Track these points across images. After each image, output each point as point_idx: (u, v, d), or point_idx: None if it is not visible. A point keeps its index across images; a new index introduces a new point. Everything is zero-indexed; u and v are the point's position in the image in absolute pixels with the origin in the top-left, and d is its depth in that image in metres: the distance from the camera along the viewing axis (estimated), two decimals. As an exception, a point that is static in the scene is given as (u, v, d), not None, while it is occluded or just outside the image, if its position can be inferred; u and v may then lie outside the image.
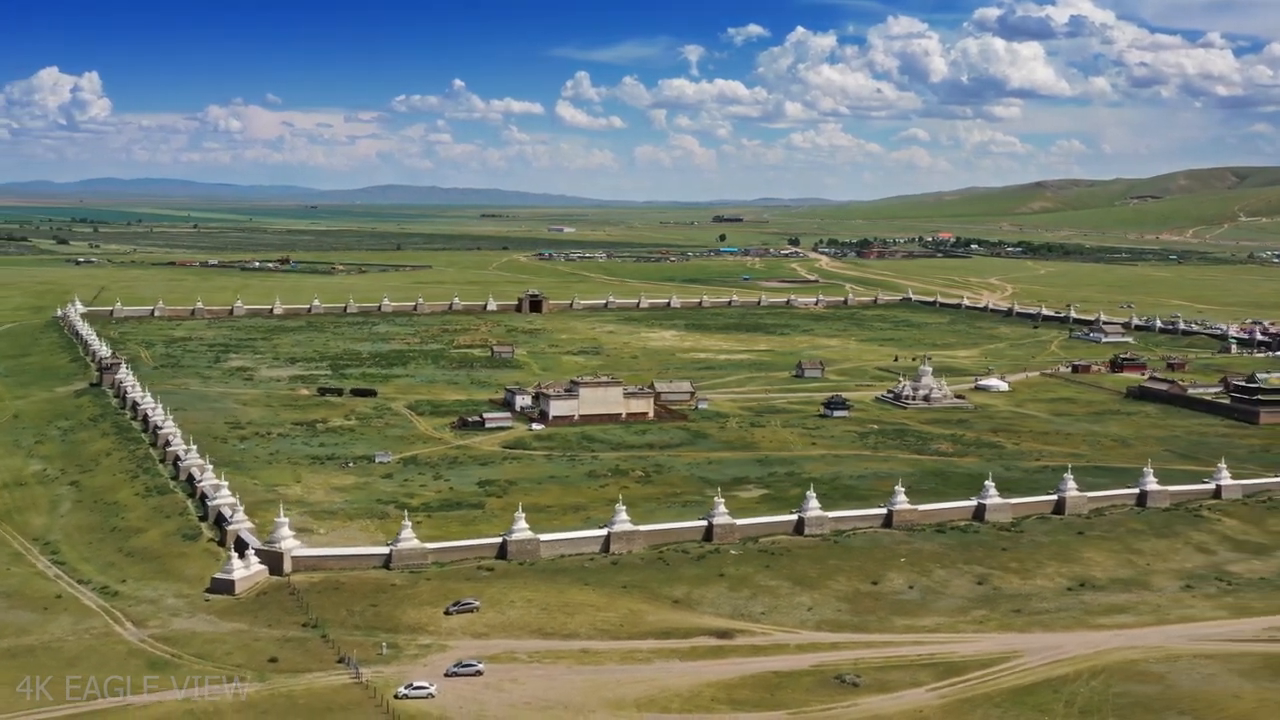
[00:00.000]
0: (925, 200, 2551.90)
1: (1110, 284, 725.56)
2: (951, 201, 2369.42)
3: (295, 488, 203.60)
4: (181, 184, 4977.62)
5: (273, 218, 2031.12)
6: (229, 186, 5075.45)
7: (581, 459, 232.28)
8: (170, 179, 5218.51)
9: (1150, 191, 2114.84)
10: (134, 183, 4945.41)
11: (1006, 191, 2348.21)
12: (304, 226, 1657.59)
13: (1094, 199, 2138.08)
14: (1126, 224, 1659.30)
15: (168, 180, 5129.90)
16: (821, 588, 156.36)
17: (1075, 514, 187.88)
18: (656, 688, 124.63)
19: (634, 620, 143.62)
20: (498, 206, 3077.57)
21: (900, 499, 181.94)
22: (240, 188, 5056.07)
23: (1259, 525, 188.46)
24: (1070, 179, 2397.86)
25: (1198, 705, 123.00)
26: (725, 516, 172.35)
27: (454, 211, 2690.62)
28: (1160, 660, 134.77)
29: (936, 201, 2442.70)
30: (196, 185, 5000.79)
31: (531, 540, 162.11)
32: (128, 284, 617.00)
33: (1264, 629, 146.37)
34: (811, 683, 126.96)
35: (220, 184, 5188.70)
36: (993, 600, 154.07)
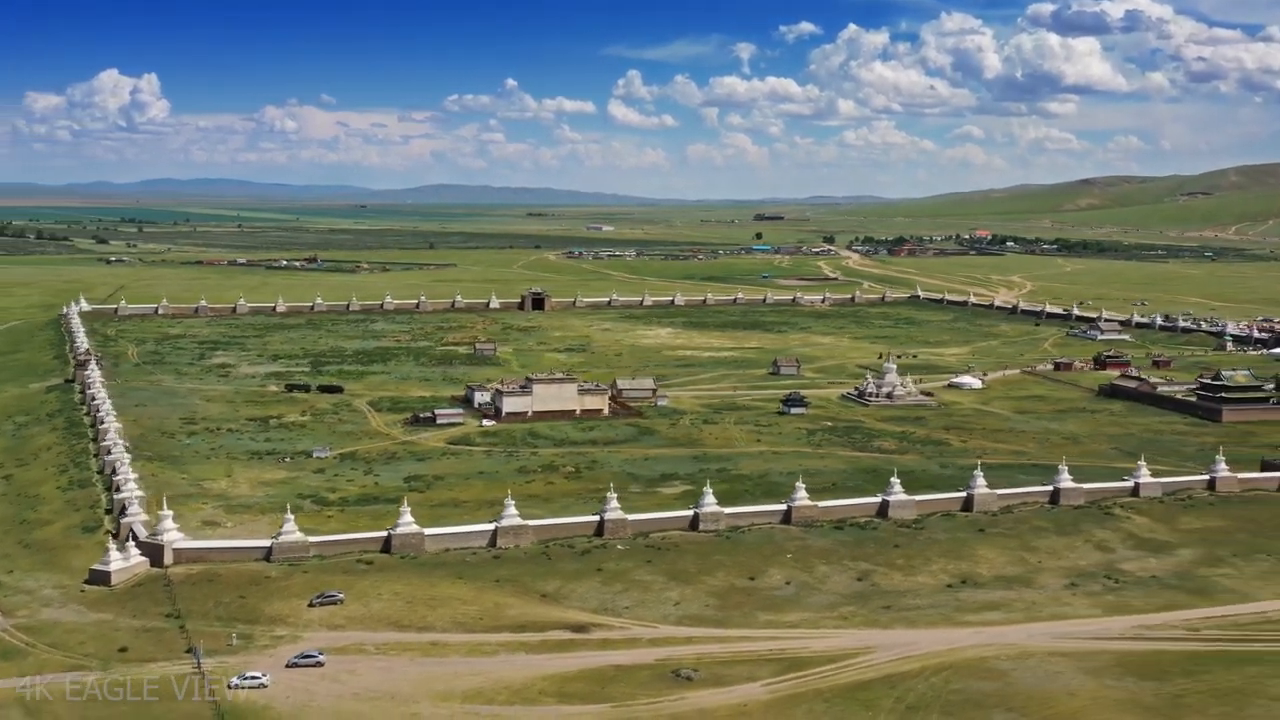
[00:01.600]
0: (973, 198, 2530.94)
1: (1134, 281, 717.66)
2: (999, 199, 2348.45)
3: (222, 482, 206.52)
4: (237, 184, 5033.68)
5: (321, 217, 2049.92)
6: (284, 186, 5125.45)
7: (520, 455, 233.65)
8: (227, 179, 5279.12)
9: (1201, 188, 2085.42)
10: (191, 183, 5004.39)
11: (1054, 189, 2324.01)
12: (347, 226, 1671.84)
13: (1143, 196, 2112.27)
14: (1170, 221, 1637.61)
15: (224, 180, 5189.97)
16: (696, 583, 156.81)
17: (983, 511, 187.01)
18: (490, 680, 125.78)
19: (495, 614, 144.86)
20: (547, 205, 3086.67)
21: (800, 495, 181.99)
22: (295, 188, 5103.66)
23: (1169, 524, 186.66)
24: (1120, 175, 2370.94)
25: (1029, 703, 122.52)
26: (617, 512, 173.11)
27: (502, 210, 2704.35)
28: (1011, 658, 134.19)
29: (984, 199, 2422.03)
30: (252, 185, 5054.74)
31: (416, 534, 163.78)
32: (148, 282, 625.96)
33: (1132, 627, 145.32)
34: (647, 677, 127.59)
35: (275, 184, 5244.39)
36: (866, 597, 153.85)
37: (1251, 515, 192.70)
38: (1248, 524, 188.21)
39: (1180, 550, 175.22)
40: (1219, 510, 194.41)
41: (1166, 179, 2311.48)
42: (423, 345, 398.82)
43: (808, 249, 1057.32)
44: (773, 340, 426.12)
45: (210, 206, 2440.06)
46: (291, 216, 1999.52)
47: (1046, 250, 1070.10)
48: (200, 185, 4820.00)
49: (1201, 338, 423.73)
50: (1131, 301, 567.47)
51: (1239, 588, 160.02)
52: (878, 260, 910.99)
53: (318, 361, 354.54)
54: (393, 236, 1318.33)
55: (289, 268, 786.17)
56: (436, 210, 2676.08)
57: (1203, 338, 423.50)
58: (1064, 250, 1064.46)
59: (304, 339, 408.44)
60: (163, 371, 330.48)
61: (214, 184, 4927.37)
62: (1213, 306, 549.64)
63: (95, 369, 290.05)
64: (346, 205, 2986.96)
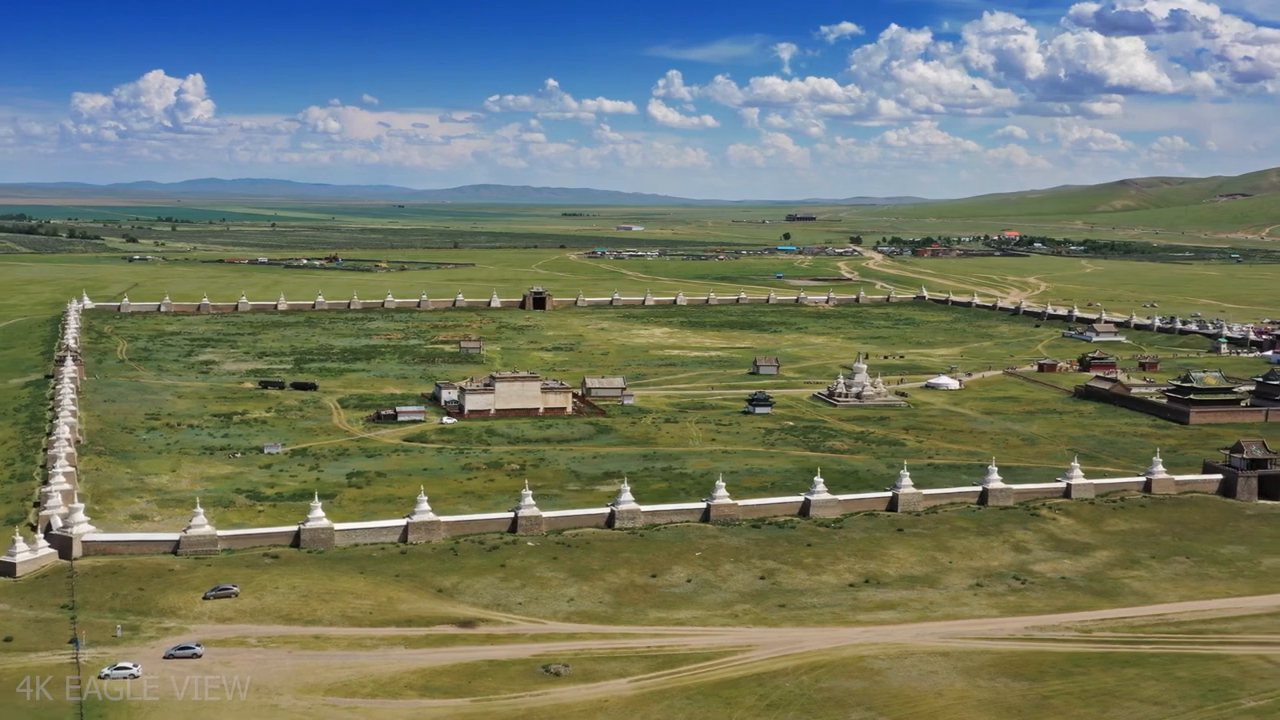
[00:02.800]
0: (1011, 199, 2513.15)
1: (1151, 283, 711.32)
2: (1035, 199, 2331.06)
3: (165, 477, 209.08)
4: (281, 184, 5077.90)
5: (357, 217, 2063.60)
6: (326, 186, 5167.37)
7: (471, 452, 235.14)
8: (270, 179, 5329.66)
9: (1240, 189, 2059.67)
10: (235, 183, 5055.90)
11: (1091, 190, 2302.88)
12: (379, 225, 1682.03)
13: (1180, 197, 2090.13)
14: (1204, 223, 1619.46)
15: (267, 180, 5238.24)
16: (596, 580, 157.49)
17: (908, 511, 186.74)
18: (360, 674, 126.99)
19: (386, 609, 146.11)
20: (586, 206, 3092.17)
21: (720, 494, 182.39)
22: (337, 187, 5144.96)
23: (1094, 525, 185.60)
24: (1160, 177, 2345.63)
25: (892, 702, 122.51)
26: (532, 509, 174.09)
27: (539, 210, 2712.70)
28: (891, 657, 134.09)
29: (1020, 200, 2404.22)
30: (295, 185, 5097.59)
31: (326, 529, 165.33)
32: (163, 281, 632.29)
33: (1024, 628, 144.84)
34: (518, 672, 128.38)
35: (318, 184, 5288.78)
36: (764, 595, 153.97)
37: (1182, 517, 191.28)
38: (1175, 526, 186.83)
39: (1098, 552, 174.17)
40: (1150, 512, 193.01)
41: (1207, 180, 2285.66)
42: (413, 343, 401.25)
43: (832, 250, 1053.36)
44: (767, 340, 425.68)
45: (252, 206, 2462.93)
46: (327, 216, 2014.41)
47: (1073, 252, 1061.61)
48: (244, 185, 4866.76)
49: (1198, 340, 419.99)
50: (1142, 303, 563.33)
51: (1146, 590, 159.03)
52: (899, 261, 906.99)
53: (302, 359, 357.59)
54: (421, 236, 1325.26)
55: (308, 267, 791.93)
56: (474, 210, 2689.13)
57: (1199, 340, 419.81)
58: (1090, 251, 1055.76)
59: (297, 337, 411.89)
60: (146, 368, 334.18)
61: (257, 184, 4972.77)
62: (1222, 309, 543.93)
63: (70, 365, 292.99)
64: (385, 205, 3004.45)
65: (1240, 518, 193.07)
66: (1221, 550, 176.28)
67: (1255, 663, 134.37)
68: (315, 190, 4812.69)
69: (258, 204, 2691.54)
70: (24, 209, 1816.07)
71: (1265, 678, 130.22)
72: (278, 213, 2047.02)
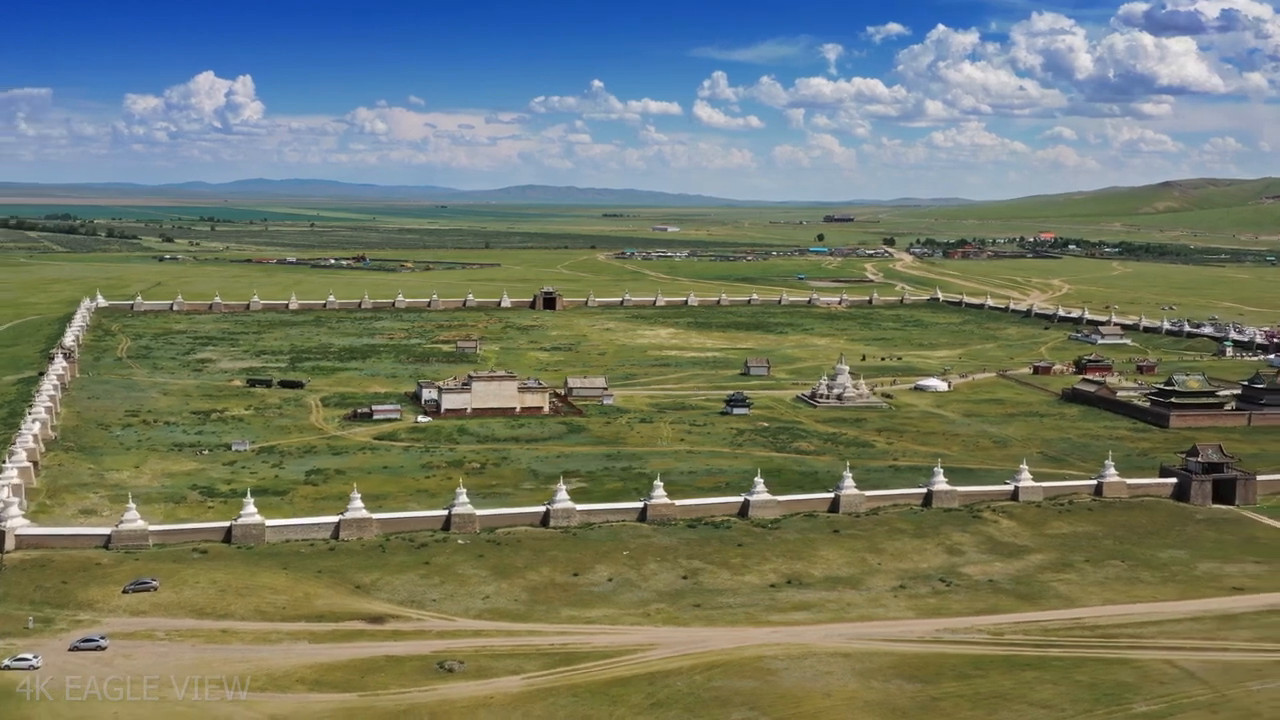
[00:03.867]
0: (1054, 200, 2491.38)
1: (1177, 285, 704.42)
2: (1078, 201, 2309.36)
3: (125, 473, 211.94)
4: (328, 185, 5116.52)
5: (399, 217, 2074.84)
6: (372, 187, 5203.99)
7: (437, 450, 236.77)
8: (318, 180, 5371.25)
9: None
10: (283, 183, 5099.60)
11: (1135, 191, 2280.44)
12: (416, 225, 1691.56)
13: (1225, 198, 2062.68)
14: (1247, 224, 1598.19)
15: (315, 181, 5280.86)
16: (517, 578, 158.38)
17: (849, 512, 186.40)
18: (256, 667, 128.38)
19: (301, 604, 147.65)
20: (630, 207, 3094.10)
21: (657, 494, 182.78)
22: (383, 188, 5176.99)
23: (1036, 528, 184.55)
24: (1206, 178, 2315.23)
25: (777, 702, 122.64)
26: (466, 507, 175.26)
27: (580, 211, 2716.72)
28: (791, 657, 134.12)
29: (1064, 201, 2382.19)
30: (342, 186, 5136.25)
31: (257, 525, 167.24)
32: (187, 280, 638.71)
33: (935, 630, 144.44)
34: (413, 668, 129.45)
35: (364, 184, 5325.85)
36: (681, 595, 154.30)
37: (1128, 521, 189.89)
38: (1119, 530, 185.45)
39: (1033, 555, 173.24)
40: (1096, 515, 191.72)
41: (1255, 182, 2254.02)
42: (414, 342, 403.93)
43: (863, 251, 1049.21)
44: (771, 341, 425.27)
45: (298, 206, 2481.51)
46: (368, 217, 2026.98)
47: (1106, 253, 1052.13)
48: (291, 186, 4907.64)
49: (1205, 342, 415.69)
50: (1161, 305, 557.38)
51: (1070, 593, 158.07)
52: (928, 263, 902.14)
53: (299, 357, 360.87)
54: (456, 236, 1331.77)
55: (334, 267, 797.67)
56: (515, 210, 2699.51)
57: (1206, 342, 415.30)
58: (1125, 254, 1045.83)
59: (301, 335, 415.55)
60: (141, 366, 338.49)
61: (305, 184, 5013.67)
62: (1241, 312, 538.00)
63: (60, 363, 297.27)
64: (428, 205, 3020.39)
65: (1189, 522, 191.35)
66: (1160, 554, 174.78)
67: (1160, 667, 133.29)
68: (361, 191, 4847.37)
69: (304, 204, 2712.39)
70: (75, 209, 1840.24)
71: (1165, 682, 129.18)
72: (320, 213, 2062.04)
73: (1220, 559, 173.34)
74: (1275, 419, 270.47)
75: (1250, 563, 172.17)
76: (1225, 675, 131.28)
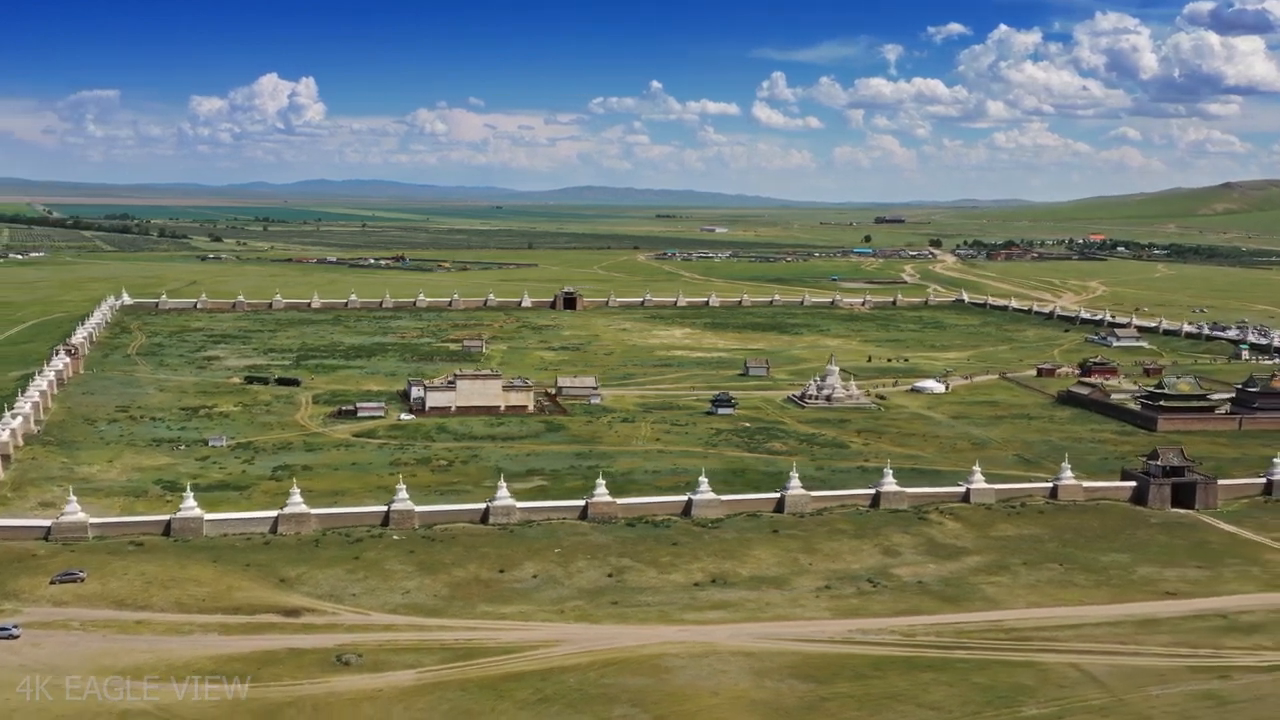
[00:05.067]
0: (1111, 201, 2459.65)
1: (1217, 287, 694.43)
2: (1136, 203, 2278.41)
3: (96, 467, 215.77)
4: (388, 185, 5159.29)
5: (453, 218, 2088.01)
6: (432, 187, 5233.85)
7: (411, 448, 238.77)
8: (378, 180, 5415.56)
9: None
10: (344, 184, 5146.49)
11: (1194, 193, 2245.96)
12: (466, 225, 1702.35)
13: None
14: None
15: (375, 182, 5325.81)
16: (443, 574, 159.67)
17: (794, 513, 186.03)
18: (158, 658, 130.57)
19: (221, 596, 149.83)
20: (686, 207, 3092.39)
21: (599, 492, 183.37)
22: (443, 188, 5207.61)
23: (981, 530, 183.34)
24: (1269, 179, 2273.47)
25: (663, 699, 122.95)
26: (405, 503, 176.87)
27: (635, 212, 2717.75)
28: (692, 655, 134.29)
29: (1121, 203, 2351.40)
30: (402, 186, 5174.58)
31: (195, 519, 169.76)
32: (222, 279, 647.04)
33: (848, 630, 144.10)
34: (312, 660, 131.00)
35: (424, 185, 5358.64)
36: (603, 592, 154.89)
37: (1078, 524, 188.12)
38: (1066, 533, 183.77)
39: (970, 557, 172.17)
40: (1046, 518, 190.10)
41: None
42: (425, 341, 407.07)
43: (906, 252, 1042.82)
44: (784, 341, 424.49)
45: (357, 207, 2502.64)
46: (422, 217, 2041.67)
47: (1155, 255, 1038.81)
48: (352, 186, 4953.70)
49: (1224, 345, 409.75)
50: (1192, 308, 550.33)
51: (997, 596, 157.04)
52: (969, 265, 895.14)
53: (305, 355, 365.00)
54: (504, 236, 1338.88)
55: (373, 266, 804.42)
56: (570, 211, 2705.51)
57: (1225, 345, 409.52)
58: (1173, 256, 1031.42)
59: (315, 334, 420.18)
60: (148, 363, 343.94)
61: (365, 185, 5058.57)
62: (1272, 314, 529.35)
63: (58, 359, 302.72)
64: (484, 206, 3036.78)
65: (1141, 526, 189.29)
66: (1102, 558, 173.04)
67: (1064, 670, 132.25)
68: (421, 191, 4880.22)
69: (363, 205, 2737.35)
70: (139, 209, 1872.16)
71: (1065, 686, 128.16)
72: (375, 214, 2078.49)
73: (1162, 563, 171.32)
74: (1267, 423, 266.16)
75: (1193, 567, 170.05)
76: (1128, 679, 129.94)
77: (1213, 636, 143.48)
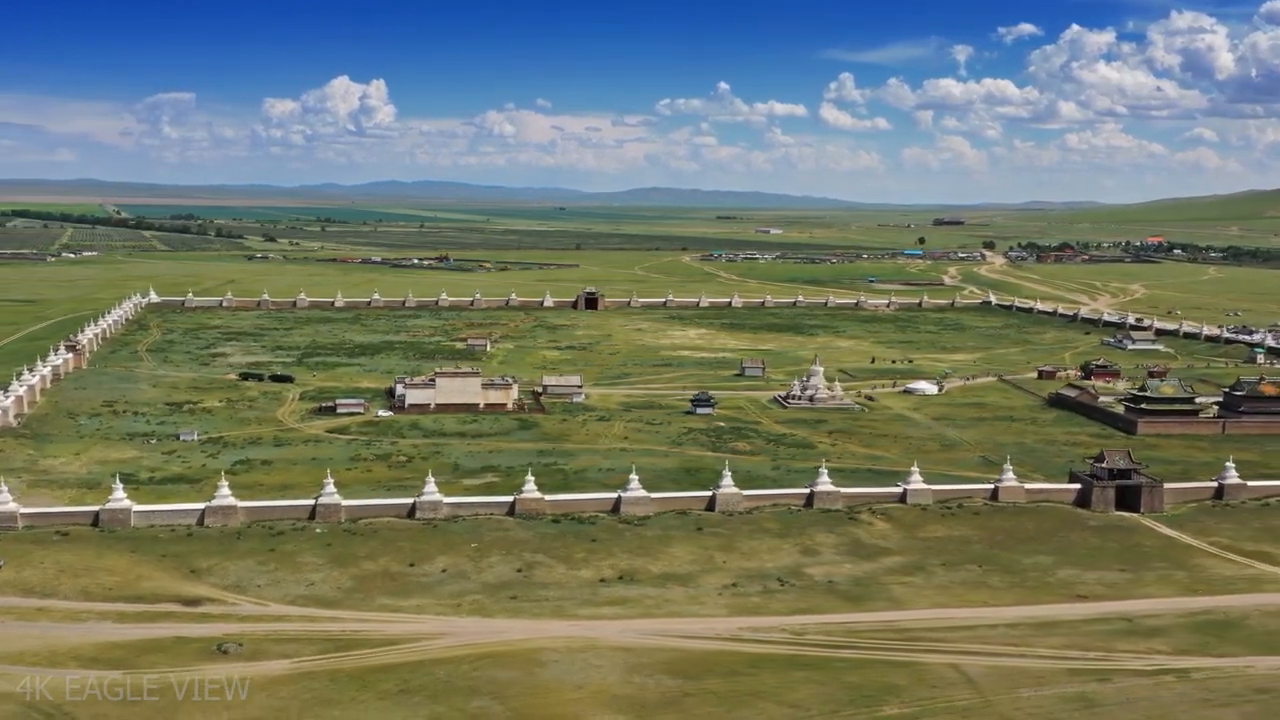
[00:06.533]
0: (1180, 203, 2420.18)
1: (1262, 291, 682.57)
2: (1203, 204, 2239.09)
3: (60, 459, 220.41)
4: (457, 186, 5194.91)
5: (515, 218, 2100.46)
6: (500, 188, 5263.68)
7: (378, 444, 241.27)
8: (447, 182, 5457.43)
9: None
10: (414, 185, 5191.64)
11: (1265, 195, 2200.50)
12: (525, 226, 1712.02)
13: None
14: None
15: (444, 183, 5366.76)
16: (352, 567, 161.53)
17: (725, 511, 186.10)
18: (45, 644, 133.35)
19: (128, 585, 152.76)
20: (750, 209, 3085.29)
21: (528, 489, 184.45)
22: (511, 189, 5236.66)
23: (910, 531, 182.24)
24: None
25: (523, 692, 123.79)
26: (332, 497, 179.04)
27: (697, 213, 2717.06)
28: (571, 650, 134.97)
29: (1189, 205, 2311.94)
30: (471, 188, 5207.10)
31: (124, 510, 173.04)
32: (261, 277, 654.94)
33: (737, 628, 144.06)
34: (194, 649, 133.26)
35: (493, 186, 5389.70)
36: (505, 587, 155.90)
37: (1012, 526, 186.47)
38: (998, 534, 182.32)
39: (891, 557, 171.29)
40: (980, 520, 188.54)
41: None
42: (435, 340, 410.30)
43: (957, 255, 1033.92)
44: (797, 342, 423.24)
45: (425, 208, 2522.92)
46: (481, 218, 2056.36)
47: (1211, 258, 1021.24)
48: (421, 188, 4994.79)
49: (1240, 349, 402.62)
50: (1226, 311, 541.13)
51: (904, 596, 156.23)
52: (1014, 267, 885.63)
53: (311, 353, 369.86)
54: (557, 237, 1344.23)
55: (415, 266, 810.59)
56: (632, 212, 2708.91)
57: (1240, 349, 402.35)
58: (1230, 259, 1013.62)
59: (329, 332, 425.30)
60: (153, 359, 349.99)
61: (434, 186, 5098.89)
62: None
63: (56, 355, 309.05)
64: (547, 207, 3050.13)
65: (1077, 528, 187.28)
66: (1024, 560, 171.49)
67: (942, 671, 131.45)
68: (489, 193, 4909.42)
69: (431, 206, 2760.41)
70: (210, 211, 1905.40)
71: (936, 686, 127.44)
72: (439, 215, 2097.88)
73: (1085, 566, 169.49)
74: (1252, 427, 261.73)
75: (1115, 570, 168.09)
76: (1004, 681, 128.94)
77: (1108, 639, 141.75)
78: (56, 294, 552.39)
